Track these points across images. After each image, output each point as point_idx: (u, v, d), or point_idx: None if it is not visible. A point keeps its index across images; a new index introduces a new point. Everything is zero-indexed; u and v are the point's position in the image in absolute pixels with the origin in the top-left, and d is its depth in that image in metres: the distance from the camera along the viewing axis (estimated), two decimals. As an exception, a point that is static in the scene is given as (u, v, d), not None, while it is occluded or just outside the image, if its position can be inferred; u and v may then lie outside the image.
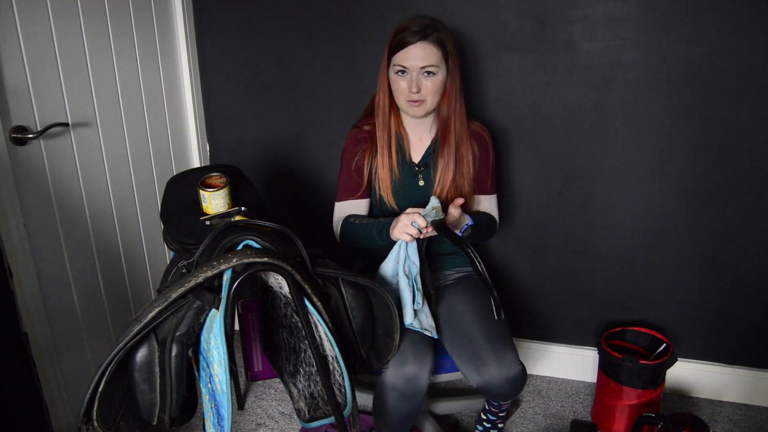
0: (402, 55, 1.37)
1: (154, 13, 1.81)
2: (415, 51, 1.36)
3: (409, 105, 1.42)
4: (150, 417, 1.06)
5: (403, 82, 1.39)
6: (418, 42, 1.35)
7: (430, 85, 1.39)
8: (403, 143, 1.52)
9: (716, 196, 1.69)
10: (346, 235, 1.52)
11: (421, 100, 1.40)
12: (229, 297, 1.01)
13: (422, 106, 1.41)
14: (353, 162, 1.53)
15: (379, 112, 1.49)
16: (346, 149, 1.55)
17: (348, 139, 1.56)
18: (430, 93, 1.40)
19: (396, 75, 1.40)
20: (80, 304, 1.59)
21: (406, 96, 1.40)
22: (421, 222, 1.29)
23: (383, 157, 1.49)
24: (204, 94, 2.05)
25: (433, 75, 1.38)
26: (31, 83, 1.39)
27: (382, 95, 1.47)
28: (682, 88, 1.61)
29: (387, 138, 1.49)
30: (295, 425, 1.82)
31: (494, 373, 1.30)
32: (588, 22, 1.61)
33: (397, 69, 1.39)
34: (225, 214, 1.27)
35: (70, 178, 1.54)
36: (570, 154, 1.76)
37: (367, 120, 1.56)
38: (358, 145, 1.52)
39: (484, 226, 1.52)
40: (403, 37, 1.37)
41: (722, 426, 1.78)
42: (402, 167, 1.51)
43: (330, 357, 1.16)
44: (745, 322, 1.80)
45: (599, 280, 1.88)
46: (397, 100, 1.46)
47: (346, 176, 1.55)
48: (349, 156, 1.54)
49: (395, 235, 1.33)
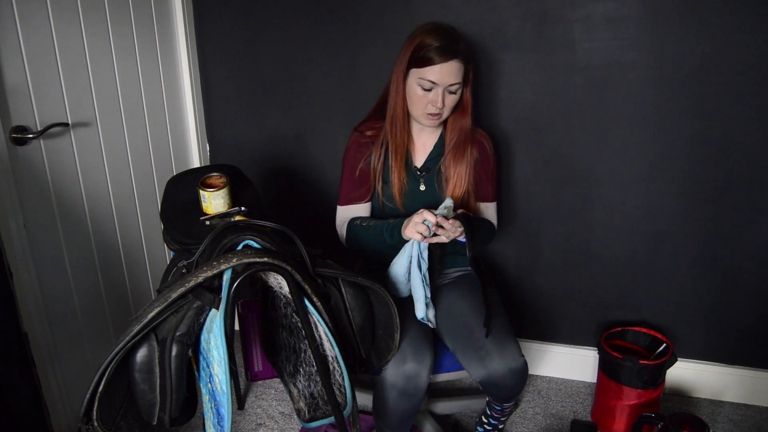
0: (431, 70, 1.36)
1: (154, 13, 1.81)
2: (448, 69, 1.35)
3: (426, 117, 1.43)
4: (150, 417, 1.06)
5: (427, 96, 1.39)
6: (451, 60, 1.35)
7: (452, 99, 1.41)
8: (409, 149, 1.52)
9: (716, 196, 1.69)
10: (353, 238, 1.53)
11: (440, 113, 1.41)
12: (229, 297, 1.01)
13: (439, 118, 1.43)
14: (356, 168, 1.53)
15: (397, 121, 1.48)
16: (348, 153, 1.55)
17: (349, 143, 1.55)
18: (449, 107, 1.42)
19: (417, 86, 1.39)
20: (80, 304, 1.59)
21: (427, 109, 1.41)
22: (432, 218, 1.30)
23: (395, 163, 1.49)
24: (204, 94, 2.05)
25: (456, 90, 1.40)
26: (31, 83, 1.39)
27: (400, 103, 1.46)
28: (681, 88, 1.61)
29: (401, 146, 1.49)
30: (295, 425, 1.82)
31: (498, 364, 1.31)
32: (588, 22, 1.61)
33: (423, 83, 1.38)
34: (225, 214, 1.27)
35: (70, 178, 1.54)
36: (570, 154, 1.76)
37: (370, 123, 1.55)
38: (361, 151, 1.52)
39: (485, 231, 1.54)
40: (435, 51, 1.35)
41: (722, 426, 1.78)
42: (408, 171, 1.52)
43: (330, 357, 1.16)
44: (745, 322, 1.80)
45: (599, 280, 1.88)
46: (411, 110, 1.46)
47: (348, 181, 1.55)
48: (351, 161, 1.54)
49: (407, 234, 1.35)
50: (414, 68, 1.39)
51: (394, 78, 1.45)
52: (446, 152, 1.51)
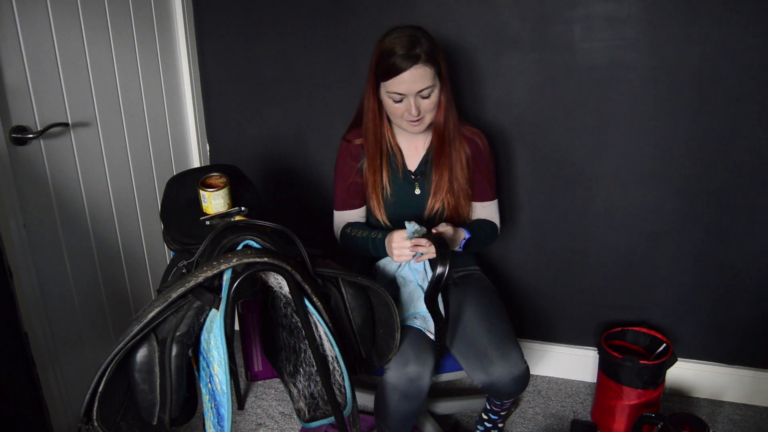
0: (395, 82, 1.31)
1: (154, 13, 1.81)
2: (410, 76, 1.29)
3: (409, 125, 1.40)
4: (150, 417, 1.06)
5: (400, 106, 1.36)
6: (411, 67, 1.28)
7: (428, 103, 1.36)
8: (395, 158, 1.49)
9: (716, 196, 1.69)
10: (346, 244, 1.56)
11: (420, 119, 1.38)
12: (229, 297, 1.01)
13: (422, 123, 1.40)
14: (348, 178, 1.53)
15: (369, 134, 1.45)
16: (339, 164, 1.55)
17: (339, 153, 1.55)
18: (428, 110, 1.38)
19: (389, 99, 1.36)
20: (80, 304, 1.59)
21: (405, 117, 1.38)
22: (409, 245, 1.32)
23: (375, 177, 1.48)
24: (204, 94, 2.05)
25: (429, 94, 1.35)
26: (31, 83, 1.39)
27: (372, 116, 1.43)
28: (681, 88, 1.61)
29: (378, 159, 1.47)
30: (295, 425, 1.82)
31: (500, 371, 1.31)
32: (588, 22, 1.61)
33: (393, 96, 1.34)
34: (225, 214, 1.27)
35: (70, 178, 1.54)
36: (570, 154, 1.76)
37: (356, 131, 1.52)
38: (351, 163, 1.52)
39: (483, 235, 1.52)
40: (393, 63, 1.29)
41: (722, 426, 1.78)
42: (395, 181, 1.50)
43: (330, 357, 1.16)
44: (745, 322, 1.80)
45: (599, 280, 1.88)
46: (393, 120, 1.43)
47: (341, 190, 1.56)
48: (342, 172, 1.54)
49: (397, 261, 1.38)
50: (382, 81, 1.35)
51: (366, 93, 1.42)
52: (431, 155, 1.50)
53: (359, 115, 1.51)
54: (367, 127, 1.46)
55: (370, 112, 1.43)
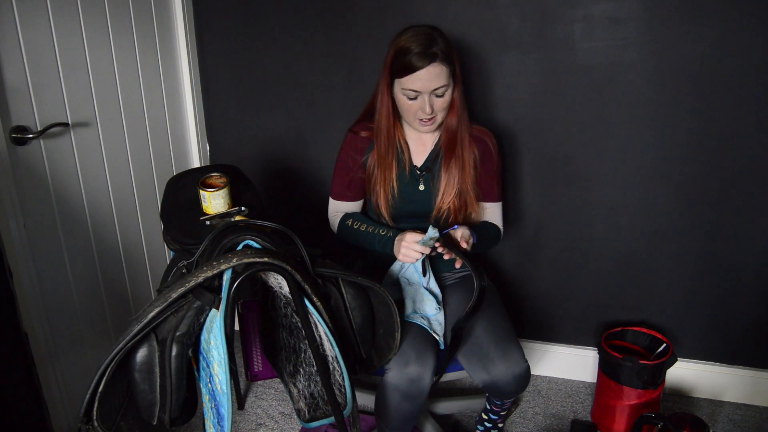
0: (411, 79, 1.32)
1: (154, 13, 1.81)
2: (427, 74, 1.31)
3: (420, 123, 1.40)
4: (150, 417, 1.06)
5: (414, 104, 1.37)
6: (428, 65, 1.30)
7: (441, 102, 1.37)
8: (404, 155, 1.50)
9: (716, 196, 1.69)
10: (344, 235, 1.55)
11: (432, 117, 1.38)
12: (229, 297, 1.01)
13: (433, 122, 1.40)
14: (349, 169, 1.52)
15: (382, 131, 1.46)
16: (343, 154, 1.54)
17: (344, 144, 1.54)
18: (441, 109, 1.38)
19: (403, 96, 1.37)
20: (80, 304, 1.59)
21: (418, 115, 1.38)
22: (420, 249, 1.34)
23: (383, 174, 1.47)
24: (204, 94, 2.05)
25: (444, 93, 1.36)
26: (31, 83, 1.39)
27: (385, 113, 1.43)
28: (681, 88, 1.61)
29: (389, 156, 1.47)
30: (295, 425, 1.82)
31: (502, 370, 1.31)
32: (588, 22, 1.61)
33: (408, 93, 1.35)
34: (225, 214, 1.27)
35: (70, 178, 1.54)
36: (570, 154, 1.76)
37: (364, 124, 1.53)
38: (356, 152, 1.51)
39: (487, 238, 1.53)
40: (410, 60, 1.31)
41: (722, 426, 1.78)
42: (401, 178, 1.50)
43: (330, 357, 1.16)
44: (745, 322, 1.80)
45: (599, 280, 1.88)
46: (405, 118, 1.44)
47: (341, 180, 1.55)
48: (344, 163, 1.54)
49: (401, 260, 1.39)
50: (396, 78, 1.36)
51: (379, 89, 1.43)
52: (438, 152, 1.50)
53: (368, 110, 1.52)
54: (379, 123, 1.46)
55: (383, 109, 1.43)
